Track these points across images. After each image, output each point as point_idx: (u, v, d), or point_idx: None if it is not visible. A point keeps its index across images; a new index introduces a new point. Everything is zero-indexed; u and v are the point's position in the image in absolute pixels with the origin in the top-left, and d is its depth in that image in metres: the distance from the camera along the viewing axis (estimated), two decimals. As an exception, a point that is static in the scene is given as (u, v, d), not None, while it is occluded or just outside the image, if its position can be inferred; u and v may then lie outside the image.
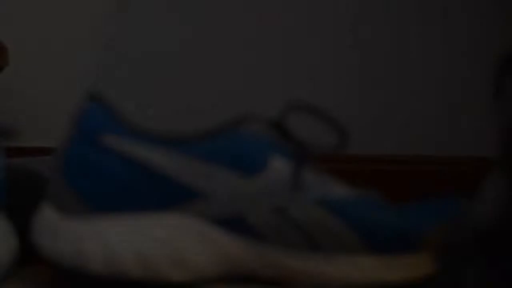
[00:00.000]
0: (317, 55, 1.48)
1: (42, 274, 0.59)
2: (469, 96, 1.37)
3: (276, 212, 0.54)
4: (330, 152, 0.52)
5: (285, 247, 0.54)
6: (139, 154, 0.53)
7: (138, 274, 0.52)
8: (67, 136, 0.54)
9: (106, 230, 0.51)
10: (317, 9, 1.48)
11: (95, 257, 0.51)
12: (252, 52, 1.50)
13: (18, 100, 1.57)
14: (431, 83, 1.39)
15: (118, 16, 1.50)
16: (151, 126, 1.30)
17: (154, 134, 0.54)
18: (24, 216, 0.61)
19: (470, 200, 0.55)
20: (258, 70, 1.51)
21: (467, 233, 0.55)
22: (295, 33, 1.48)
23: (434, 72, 1.39)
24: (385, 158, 1.35)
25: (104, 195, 0.52)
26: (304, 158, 0.55)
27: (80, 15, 1.57)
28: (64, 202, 0.52)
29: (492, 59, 1.38)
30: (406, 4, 1.44)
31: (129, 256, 0.51)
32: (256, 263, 0.54)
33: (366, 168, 1.32)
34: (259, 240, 0.54)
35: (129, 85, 1.46)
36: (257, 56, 1.50)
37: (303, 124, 1.37)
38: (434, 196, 1.22)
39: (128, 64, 1.49)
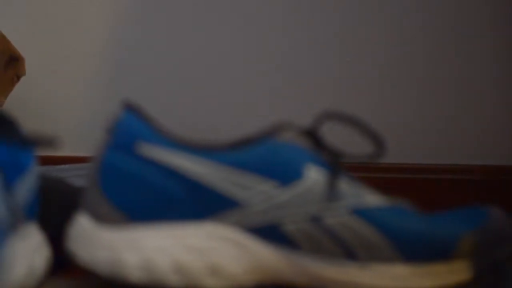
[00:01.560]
0: (341, 63, 1.49)
1: (73, 283, 0.59)
2: (502, 108, 1.36)
3: (312, 221, 0.54)
4: (368, 162, 0.52)
5: (320, 256, 0.54)
6: (175, 163, 0.53)
7: (175, 283, 0.52)
8: (102, 145, 0.54)
9: (144, 239, 0.52)
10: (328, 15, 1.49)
11: (133, 266, 0.51)
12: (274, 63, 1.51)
13: (33, 109, 1.57)
14: (463, 94, 1.38)
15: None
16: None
17: (190, 143, 0.54)
18: (52, 225, 0.61)
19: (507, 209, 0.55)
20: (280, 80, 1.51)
21: (499, 241, 0.55)
22: (314, 44, 1.48)
23: (466, 84, 1.38)
24: (415, 167, 1.35)
25: (141, 205, 0.52)
26: (339, 167, 0.55)
27: (93, 24, 1.57)
28: (100, 212, 0.53)
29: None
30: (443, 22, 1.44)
31: (166, 264, 0.52)
32: (291, 272, 0.54)
33: (395, 177, 1.32)
34: (294, 249, 0.54)
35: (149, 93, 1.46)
36: (280, 65, 1.51)
37: (333, 133, 1.37)
38: (465, 205, 1.22)
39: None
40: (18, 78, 1.34)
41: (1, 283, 0.42)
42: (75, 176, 0.91)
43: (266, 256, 0.54)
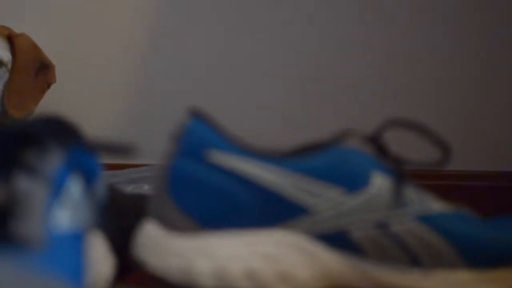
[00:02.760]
0: (405, 70, 1.49)
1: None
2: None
3: (378, 227, 0.54)
4: (433, 169, 0.52)
5: (385, 262, 0.54)
6: (245, 170, 0.53)
7: (246, 290, 0.52)
8: (170, 152, 0.54)
9: (216, 247, 0.52)
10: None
11: (205, 273, 0.52)
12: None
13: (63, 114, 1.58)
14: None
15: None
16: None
17: (259, 150, 0.54)
18: (115, 232, 0.61)
19: None
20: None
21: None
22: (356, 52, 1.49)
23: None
24: (474, 174, 1.35)
25: (211, 212, 0.53)
26: (404, 174, 0.55)
27: (121, 32, 1.58)
28: (170, 219, 0.53)
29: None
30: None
31: (238, 272, 0.52)
32: (356, 278, 0.55)
33: (456, 184, 1.32)
34: (361, 255, 0.54)
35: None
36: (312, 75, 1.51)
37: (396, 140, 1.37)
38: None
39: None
40: (49, 85, 1.35)
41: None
42: (123, 182, 0.91)
43: (333, 263, 0.54)
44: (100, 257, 0.54)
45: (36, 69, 1.32)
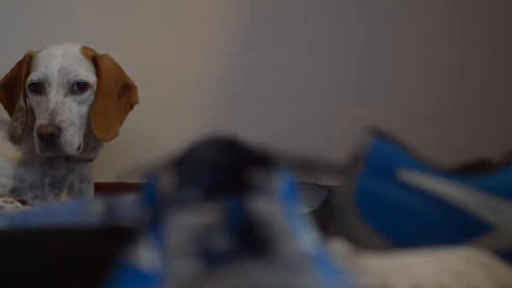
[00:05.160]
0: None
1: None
2: None
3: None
4: None
5: None
6: (434, 188, 0.54)
7: (439, 307, 0.52)
8: (354, 172, 0.55)
9: (411, 265, 0.52)
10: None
11: (402, 291, 0.52)
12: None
13: (143, 136, 1.58)
14: None
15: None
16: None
17: (444, 168, 0.55)
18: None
19: None
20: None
21: None
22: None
23: None
24: None
25: (403, 230, 0.53)
26: None
27: (201, 52, 1.59)
28: (359, 237, 0.53)
29: None
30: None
31: (434, 289, 0.52)
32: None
33: None
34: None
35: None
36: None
37: None
38: None
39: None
40: (131, 106, 1.36)
41: None
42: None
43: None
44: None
45: (119, 90, 1.33)
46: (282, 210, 0.42)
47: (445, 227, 0.54)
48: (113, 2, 1.61)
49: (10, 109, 1.37)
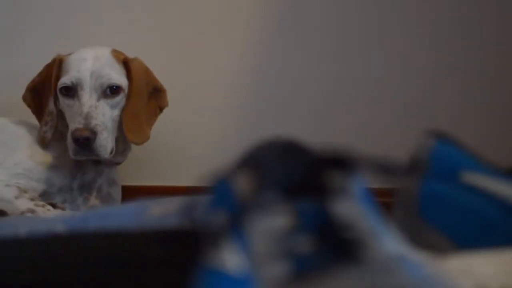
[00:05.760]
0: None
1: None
2: None
3: None
4: None
5: None
6: (497, 190, 0.54)
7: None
8: (415, 175, 0.55)
9: (476, 266, 0.52)
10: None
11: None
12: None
13: (166, 141, 1.59)
14: None
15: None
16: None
17: (506, 170, 0.55)
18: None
19: None
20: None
21: None
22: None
23: None
24: None
25: (468, 232, 0.53)
26: None
27: (228, 57, 1.59)
28: (423, 239, 0.54)
29: None
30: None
31: (499, 290, 0.52)
32: None
33: None
34: None
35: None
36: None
37: None
38: None
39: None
40: (161, 109, 1.36)
41: None
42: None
43: None
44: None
45: (149, 93, 1.33)
46: (363, 212, 0.42)
47: (504, 228, 0.54)
48: (139, 6, 1.61)
49: (38, 113, 1.37)
